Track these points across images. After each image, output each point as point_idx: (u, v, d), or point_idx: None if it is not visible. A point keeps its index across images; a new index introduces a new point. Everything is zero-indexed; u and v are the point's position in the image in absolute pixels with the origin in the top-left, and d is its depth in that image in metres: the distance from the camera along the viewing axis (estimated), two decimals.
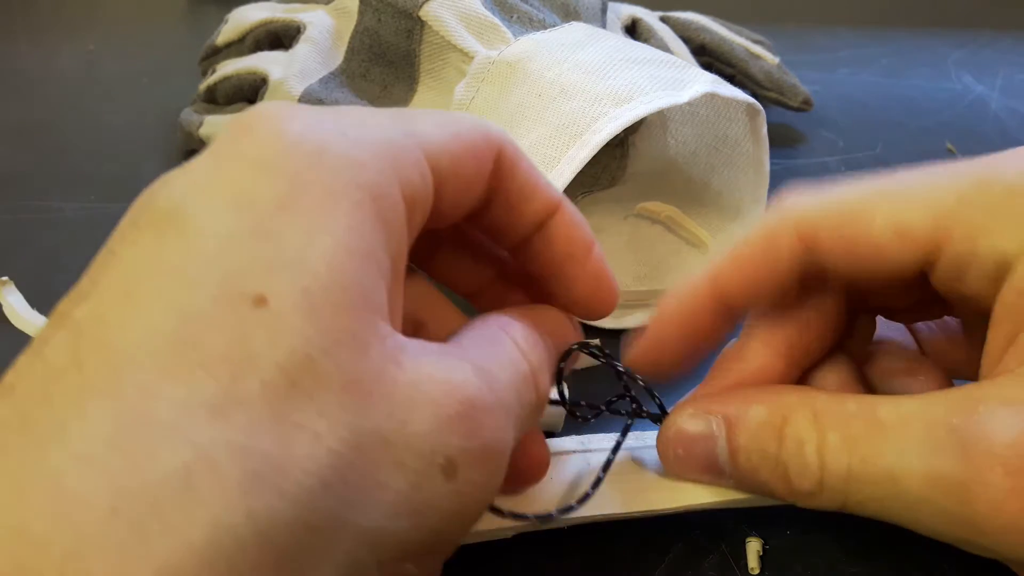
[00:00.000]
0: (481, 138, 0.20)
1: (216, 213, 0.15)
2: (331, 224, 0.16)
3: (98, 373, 0.14)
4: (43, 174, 0.45)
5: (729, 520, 0.25)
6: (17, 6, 0.64)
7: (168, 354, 0.14)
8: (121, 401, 0.14)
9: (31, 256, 0.38)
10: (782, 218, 0.22)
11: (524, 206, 0.21)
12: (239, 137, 0.17)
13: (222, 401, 0.14)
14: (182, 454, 0.13)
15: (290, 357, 0.14)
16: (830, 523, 0.25)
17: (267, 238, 0.15)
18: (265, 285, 0.15)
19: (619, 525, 0.25)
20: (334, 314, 0.15)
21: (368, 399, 0.15)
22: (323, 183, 0.16)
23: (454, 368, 0.17)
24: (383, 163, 0.17)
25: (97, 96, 0.53)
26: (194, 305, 0.14)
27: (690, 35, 0.47)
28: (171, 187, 0.16)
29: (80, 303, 0.15)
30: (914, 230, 0.21)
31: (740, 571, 0.24)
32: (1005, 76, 0.55)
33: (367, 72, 0.40)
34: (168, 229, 0.15)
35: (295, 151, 0.16)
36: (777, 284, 0.23)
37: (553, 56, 0.33)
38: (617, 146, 0.39)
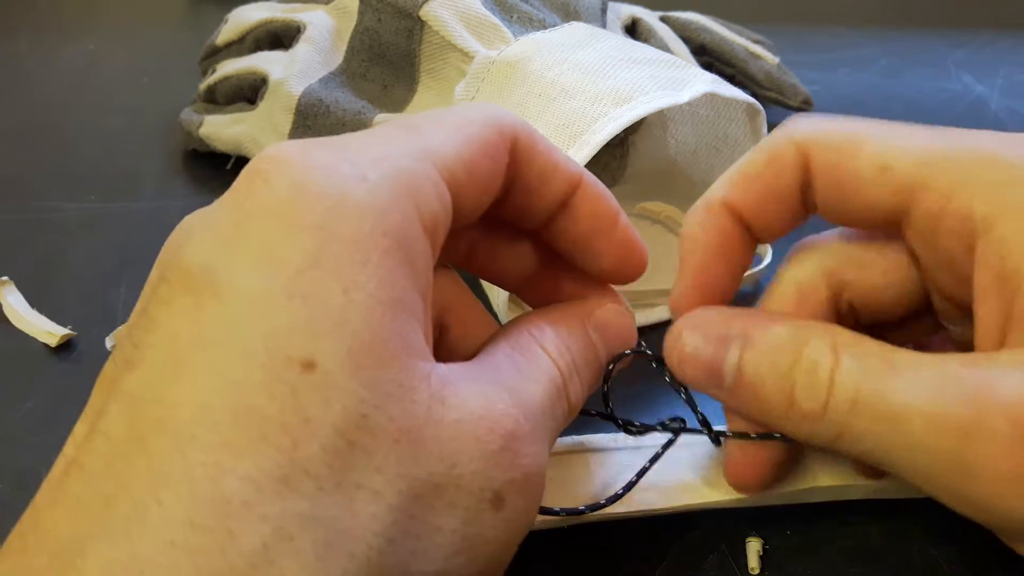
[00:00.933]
0: (494, 133, 0.20)
1: (248, 275, 0.16)
2: (363, 279, 0.16)
3: (163, 453, 0.14)
4: (43, 174, 0.45)
5: (729, 520, 0.25)
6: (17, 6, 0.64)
7: (228, 428, 0.14)
8: (191, 482, 0.14)
9: (31, 256, 0.38)
10: (785, 134, 0.22)
11: (545, 188, 0.21)
12: (258, 188, 0.17)
13: (287, 471, 0.14)
14: (259, 532, 0.14)
15: (345, 417, 0.15)
16: (830, 523, 0.25)
17: (303, 299, 0.15)
18: (310, 349, 0.15)
19: (619, 525, 0.25)
20: (380, 368, 0.16)
21: (419, 447, 0.16)
22: (349, 235, 0.16)
23: (492, 398, 0.18)
24: (404, 203, 0.17)
25: (97, 96, 0.53)
26: (245, 375, 0.15)
27: (690, 35, 0.47)
28: (197, 244, 0.16)
29: (128, 372, 0.16)
30: (895, 170, 0.21)
31: (740, 571, 0.24)
32: (1005, 76, 0.55)
33: (367, 72, 0.40)
34: (203, 293, 0.16)
35: (317, 204, 0.16)
36: (783, 200, 0.23)
37: (553, 56, 0.33)
38: (617, 146, 0.39)
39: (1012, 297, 0.19)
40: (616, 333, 0.23)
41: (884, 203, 0.21)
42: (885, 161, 0.21)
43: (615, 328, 0.23)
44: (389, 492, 0.15)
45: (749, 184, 0.23)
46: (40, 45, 0.59)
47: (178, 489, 0.14)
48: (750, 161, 0.23)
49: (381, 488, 0.15)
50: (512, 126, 0.20)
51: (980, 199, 0.20)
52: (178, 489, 0.14)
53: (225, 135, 0.42)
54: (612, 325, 0.23)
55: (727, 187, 0.23)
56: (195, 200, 0.43)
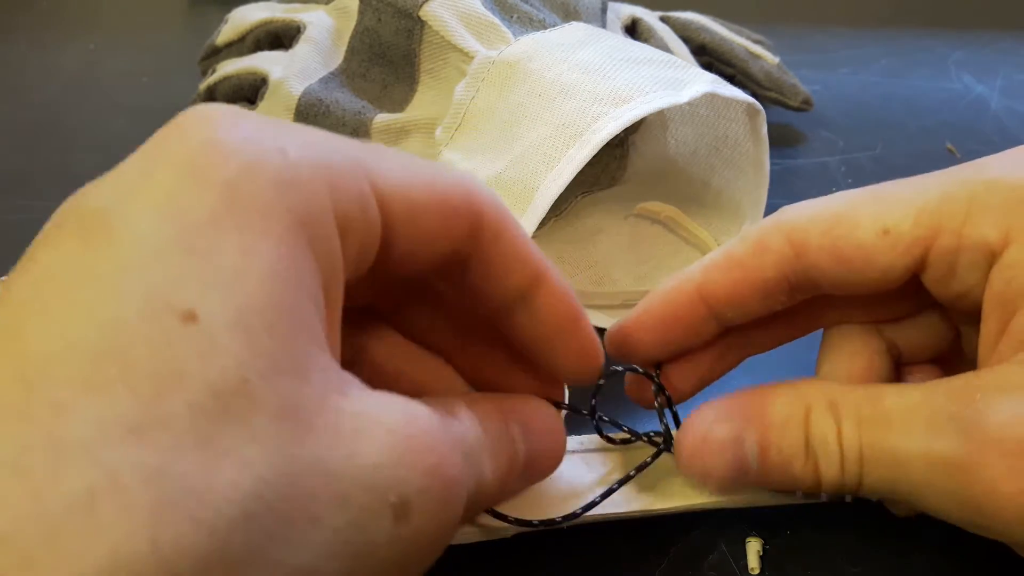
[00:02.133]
0: (458, 195, 0.19)
1: (144, 221, 0.14)
2: (264, 247, 0.15)
3: (8, 388, 0.13)
4: (43, 174, 0.45)
5: (729, 520, 0.25)
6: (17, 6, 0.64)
7: (86, 368, 0.13)
8: (30, 419, 0.13)
9: None
10: (773, 224, 0.22)
11: (505, 277, 0.20)
12: (171, 140, 0.16)
13: (142, 420, 0.13)
14: (88, 477, 0.12)
15: (222, 377, 0.13)
16: (830, 523, 0.25)
17: (197, 253, 0.14)
18: (195, 301, 0.14)
19: (619, 525, 0.25)
20: (271, 337, 0.14)
21: (309, 427, 0.14)
22: (256, 201, 0.15)
23: (409, 403, 0.16)
24: (318, 186, 0.16)
25: (97, 96, 0.53)
26: (117, 317, 0.13)
27: (690, 35, 0.47)
28: (99, 190, 0.15)
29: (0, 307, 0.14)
30: (899, 229, 0.21)
31: (740, 571, 0.24)
32: (1005, 76, 0.55)
33: (367, 72, 0.40)
34: (93, 235, 0.14)
35: (229, 163, 0.15)
36: (763, 292, 0.23)
37: (553, 56, 0.33)
38: (617, 146, 0.39)
39: (1008, 318, 0.20)
40: (538, 428, 0.21)
41: (895, 264, 0.21)
42: (885, 224, 0.21)
43: (540, 426, 0.22)
44: (261, 464, 0.13)
45: (728, 271, 0.23)
46: (40, 45, 0.59)
47: (10, 426, 0.12)
48: (734, 249, 0.23)
49: (252, 459, 0.13)
50: (483, 201, 0.19)
51: (991, 226, 0.20)
52: (10, 426, 0.12)
53: None
54: (537, 422, 0.21)
55: (704, 271, 0.23)
56: None
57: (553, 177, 0.29)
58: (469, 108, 0.34)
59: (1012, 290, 0.20)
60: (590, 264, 0.36)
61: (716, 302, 0.23)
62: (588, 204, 0.39)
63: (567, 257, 0.36)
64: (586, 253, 0.37)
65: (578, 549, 0.25)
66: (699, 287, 0.23)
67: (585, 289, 0.35)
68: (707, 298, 0.23)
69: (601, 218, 0.38)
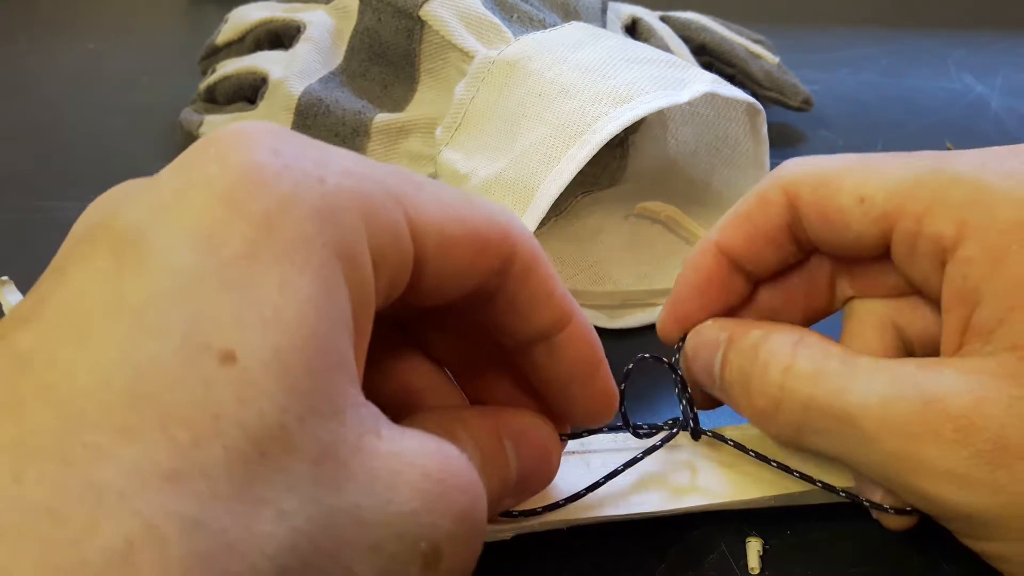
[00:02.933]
0: (494, 232, 0.18)
1: (181, 250, 0.14)
2: (302, 282, 0.14)
3: (41, 424, 0.13)
4: (43, 174, 0.45)
5: (729, 520, 0.25)
6: (17, 6, 0.64)
7: (123, 409, 0.13)
8: (65, 462, 0.12)
9: (31, 256, 0.38)
10: (774, 178, 0.24)
11: (532, 315, 0.20)
12: (209, 162, 0.15)
13: (179, 467, 0.12)
14: (126, 527, 0.12)
15: (261, 422, 0.13)
16: (830, 523, 0.25)
17: (235, 288, 0.14)
18: (234, 340, 0.13)
19: (619, 525, 0.25)
20: (308, 377, 0.14)
21: (346, 473, 0.14)
22: (294, 234, 0.15)
23: (441, 443, 0.16)
24: (354, 218, 0.16)
25: (97, 96, 0.53)
26: (154, 355, 0.13)
27: (690, 35, 0.47)
28: (133, 206, 0.15)
29: (25, 328, 0.14)
30: (873, 200, 0.22)
31: (740, 571, 0.24)
32: (1005, 76, 0.55)
33: (367, 71, 0.40)
34: (127, 258, 0.14)
35: (268, 193, 0.15)
36: (771, 240, 0.24)
37: (553, 56, 0.33)
38: (617, 146, 0.39)
39: (969, 313, 0.21)
40: (531, 444, 0.21)
41: (867, 232, 0.22)
42: (863, 193, 0.22)
43: (532, 442, 0.21)
44: (298, 516, 0.13)
45: (740, 227, 0.24)
46: (40, 45, 0.59)
47: (45, 468, 0.12)
48: (742, 204, 0.24)
49: (289, 509, 0.13)
50: (517, 239, 0.19)
51: (947, 221, 0.21)
52: (45, 468, 0.12)
53: None
54: (529, 439, 0.21)
55: (719, 230, 0.25)
56: None
57: (553, 177, 0.29)
58: (469, 108, 0.34)
59: (968, 286, 0.21)
60: (590, 264, 0.36)
61: (735, 255, 0.24)
62: (588, 204, 0.39)
63: (567, 257, 0.36)
64: (586, 253, 0.37)
65: (578, 549, 0.25)
66: (717, 244, 0.24)
67: (585, 289, 0.35)
68: (727, 252, 0.24)
69: (601, 218, 0.38)
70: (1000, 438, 0.19)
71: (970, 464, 0.19)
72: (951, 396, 0.19)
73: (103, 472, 0.12)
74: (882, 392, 0.20)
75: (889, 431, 0.20)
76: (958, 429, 0.19)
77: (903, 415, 0.20)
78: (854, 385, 0.20)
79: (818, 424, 0.21)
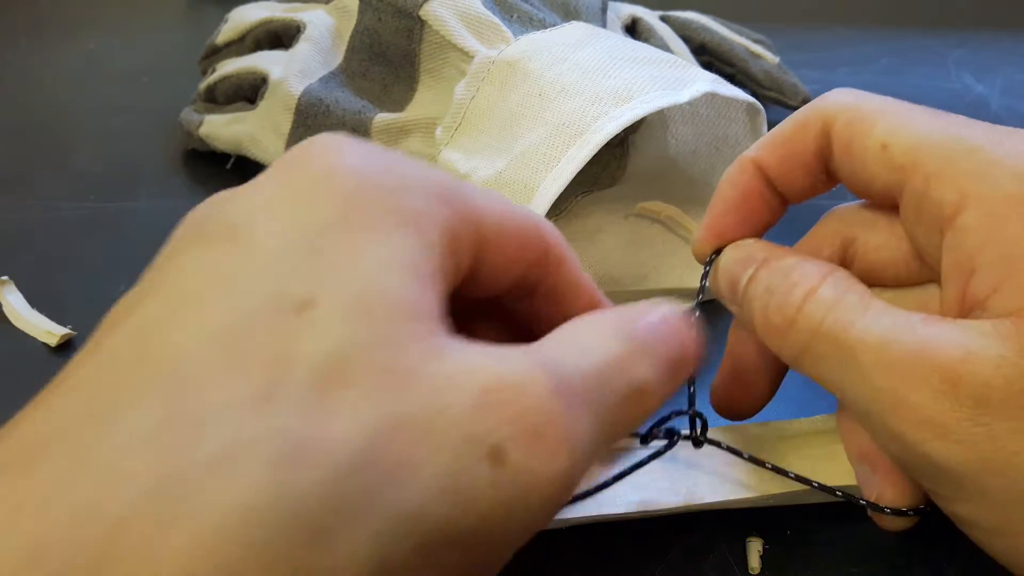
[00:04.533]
0: (531, 224, 0.21)
1: (272, 228, 0.17)
2: (375, 241, 0.17)
3: (157, 369, 0.15)
4: (43, 174, 0.45)
5: (729, 520, 0.25)
6: (17, 6, 0.64)
7: (221, 354, 0.15)
8: (174, 393, 0.15)
9: (31, 256, 0.38)
10: (814, 105, 0.24)
11: (569, 301, 0.22)
12: (297, 163, 0.19)
13: (264, 393, 0.15)
14: (223, 437, 0.15)
15: (330, 354, 0.16)
16: (830, 523, 0.25)
17: (315, 252, 0.17)
18: (312, 292, 0.16)
19: (619, 525, 0.25)
20: (372, 317, 0.16)
21: (407, 386, 0.16)
22: (371, 204, 0.18)
23: (506, 357, 0.17)
24: (427, 199, 0.18)
25: (97, 96, 0.53)
26: (247, 310, 0.16)
27: (690, 35, 0.47)
28: (235, 203, 0.18)
29: (138, 308, 0.17)
30: (893, 149, 0.22)
31: (740, 571, 0.24)
32: (1005, 76, 0.55)
33: (367, 71, 0.40)
34: (227, 242, 0.17)
35: (347, 176, 0.18)
36: (805, 163, 0.25)
37: (553, 55, 0.33)
38: (617, 146, 0.39)
39: (966, 283, 0.21)
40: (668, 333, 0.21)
41: (883, 179, 0.23)
42: (887, 140, 0.23)
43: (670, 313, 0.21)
44: (367, 418, 0.15)
45: (777, 146, 0.25)
46: (40, 45, 0.59)
47: (157, 398, 0.15)
48: (783, 125, 0.25)
49: (359, 415, 0.15)
50: (549, 230, 0.21)
51: (951, 187, 0.21)
52: (157, 398, 0.15)
53: (225, 134, 0.42)
54: (665, 311, 0.21)
55: (759, 147, 0.25)
56: (195, 200, 0.42)
57: (553, 177, 0.29)
58: (469, 108, 0.34)
59: (964, 255, 0.21)
60: (590, 264, 0.36)
61: (771, 174, 0.25)
62: (588, 204, 0.39)
63: None
64: (586, 253, 0.37)
65: (578, 549, 0.25)
66: (755, 160, 0.25)
67: None
68: (763, 170, 0.25)
69: (601, 218, 0.38)
70: (983, 396, 0.19)
71: (951, 416, 0.19)
72: (944, 347, 0.20)
73: (205, 398, 0.15)
74: (883, 331, 0.21)
75: (882, 369, 0.20)
76: (945, 380, 0.19)
77: (897, 356, 0.20)
78: (862, 321, 0.21)
79: (821, 349, 0.22)
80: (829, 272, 0.22)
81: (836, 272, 0.23)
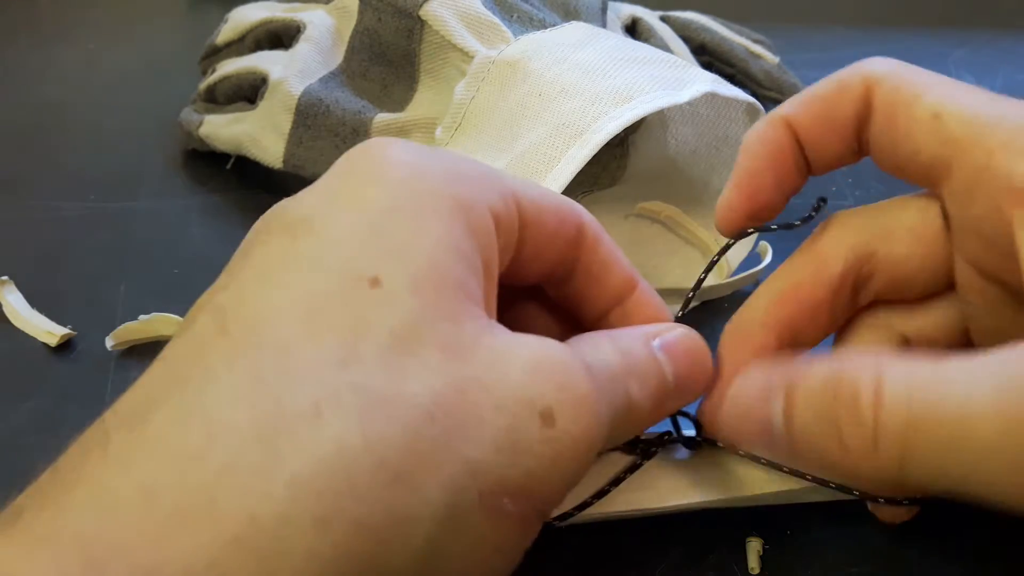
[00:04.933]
0: (565, 203, 0.22)
1: (338, 215, 0.19)
2: (430, 225, 0.19)
3: (243, 336, 0.17)
4: (43, 174, 0.45)
5: (729, 520, 0.25)
6: (17, 6, 0.64)
7: (301, 322, 0.17)
8: (263, 355, 0.17)
9: (31, 256, 0.38)
10: (857, 68, 0.23)
11: (605, 278, 0.23)
12: (355, 160, 0.21)
13: (346, 356, 0.17)
14: (313, 393, 0.16)
15: (401, 324, 0.18)
16: (830, 523, 0.25)
17: (380, 234, 0.19)
18: (379, 269, 0.18)
19: (619, 525, 0.25)
20: (435, 293, 0.18)
21: (467, 356, 0.18)
22: (426, 192, 0.19)
23: (546, 342, 0.19)
24: (473, 184, 0.20)
25: (97, 96, 0.53)
26: (322, 286, 0.18)
27: (690, 35, 0.47)
28: (300, 201, 0.20)
29: (221, 291, 0.19)
30: (947, 119, 0.21)
31: (740, 571, 0.24)
32: (1005, 76, 0.55)
33: (367, 71, 0.40)
34: (297, 231, 0.19)
35: (400, 168, 0.20)
36: (838, 127, 0.23)
37: (553, 55, 0.33)
38: (617, 146, 0.39)
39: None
40: (684, 353, 0.22)
41: (931, 151, 0.21)
42: (939, 110, 0.21)
43: (683, 348, 0.22)
44: (436, 380, 0.17)
45: (812, 105, 0.24)
46: (40, 45, 0.59)
47: (248, 359, 0.17)
48: (819, 85, 0.24)
49: (429, 376, 0.17)
50: (582, 212, 0.23)
51: (1021, 158, 0.20)
52: (248, 359, 0.17)
53: (225, 135, 0.42)
54: (680, 345, 0.22)
55: (792, 105, 0.24)
56: (195, 199, 0.43)
57: (553, 177, 0.29)
58: (469, 108, 0.34)
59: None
60: None
61: (801, 133, 0.24)
62: (588, 204, 0.39)
63: None
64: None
65: (578, 549, 0.25)
66: (787, 118, 0.24)
67: None
68: (795, 127, 0.24)
69: (601, 218, 0.37)
70: None
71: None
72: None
73: (292, 362, 0.17)
74: (993, 388, 0.17)
75: (1011, 432, 0.16)
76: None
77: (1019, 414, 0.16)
78: (956, 388, 0.17)
79: (922, 443, 0.17)
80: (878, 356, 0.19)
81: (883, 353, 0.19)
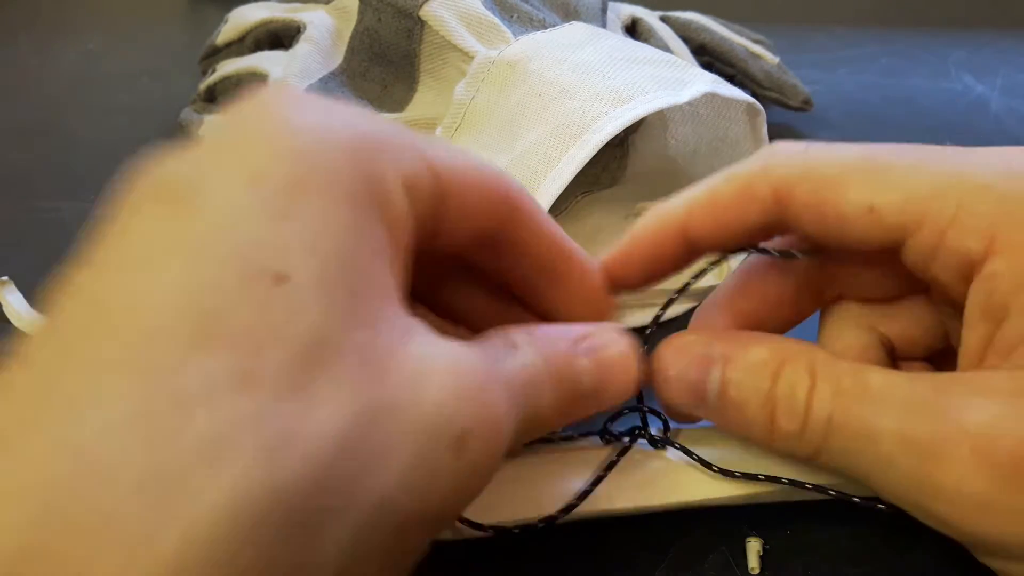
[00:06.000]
0: (494, 174, 0.21)
1: (230, 190, 0.16)
2: (339, 207, 0.16)
3: (122, 346, 0.14)
4: (43, 174, 0.45)
5: (729, 520, 0.25)
6: (17, 6, 0.64)
7: (192, 327, 0.14)
8: (147, 374, 0.14)
9: (31, 256, 0.38)
10: (763, 169, 0.22)
11: (538, 252, 0.22)
12: (248, 119, 0.17)
13: (246, 373, 0.14)
14: (209, 425, 0.14)
15: (311, 332, 0.15)
16: (830, 523, 0.25)
17: (282, 217, 0.16)
18: (285, 264, 0.15)
19: (619, 525, 0.25)
20: (348, 293, 0.16)
21: (382, 372, 0.16)
22: (331, 167, 0.17)
23: (461, 349, 0.18)
24: (384, 152, 0.18)
25: (97, 96, 0.53)
26: (217, 280, 0.15)
27: (690, 35, 0.47)
28: (180, 163, 0.17)
29: (97, 277, 0.15)
30: (884, 211, 0.21)
31: (740, 571, 0.24)
32: (1005, 76, 0.55)
33: (367, 72, 0.40)
34: (181, 203, 0.16)
35: (304, 135, 0.17)
36: (746, 233, 0.23)
37: (553, 56, 0.33)
38: (617, 146, 0.39)
39: (995, 328, 0.20)
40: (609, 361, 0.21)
41: (874, 240, 0.22)
42: (873, 202, 0.21)
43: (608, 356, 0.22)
44: (346, 404, 0.15)
45: (714, 215, 0.23)
46: (40, 45, 0.59)
47: (130, 379, 0.14)
48: (719, 186, 0.23)
49: (338, 401, 0.15)
50: (512, 182, 0.21)
51: (974, 235, 0.20)
52: (130, 379, 0.14)
53: None
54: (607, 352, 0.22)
55: (688, 211, 0.23)
56: None
57: (553, 177, 0.29)
58: (469, 108, 0.34)
59: (995, 302, 0.20)
60: None
61: (699, 241, 0.23)
62: (588, 204, 0.39)
63: None
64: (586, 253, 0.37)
65: (577, 548, 0.25)
66: (683, 226, 0.23)
67: None
68: (690, 236, 0.23)
69: (601, 218, 0.38)
70: (1019, 459, 0.18)
71: (987, 487, 0.18)
72: (970, 416, 0.19)
73: (182, 378, 0.14)
74: (899, 411, 0.20)
75: (906, 451, 0.19)
76: (975, 450, 0.18)
77: (920, 435, 0.19)
78: (870, 406, 0.20)
79: (837, 445, 0.21)
80: (812, 357, 0.22)
81: (816, 355, 0.22)
